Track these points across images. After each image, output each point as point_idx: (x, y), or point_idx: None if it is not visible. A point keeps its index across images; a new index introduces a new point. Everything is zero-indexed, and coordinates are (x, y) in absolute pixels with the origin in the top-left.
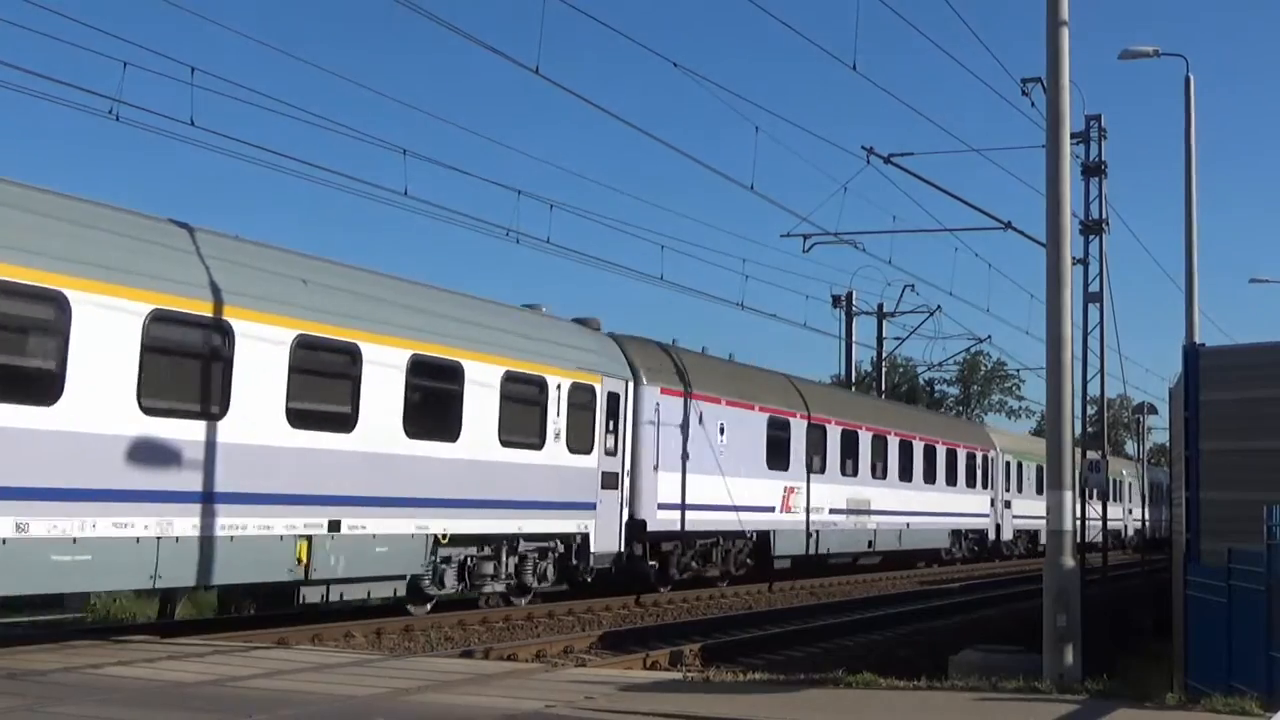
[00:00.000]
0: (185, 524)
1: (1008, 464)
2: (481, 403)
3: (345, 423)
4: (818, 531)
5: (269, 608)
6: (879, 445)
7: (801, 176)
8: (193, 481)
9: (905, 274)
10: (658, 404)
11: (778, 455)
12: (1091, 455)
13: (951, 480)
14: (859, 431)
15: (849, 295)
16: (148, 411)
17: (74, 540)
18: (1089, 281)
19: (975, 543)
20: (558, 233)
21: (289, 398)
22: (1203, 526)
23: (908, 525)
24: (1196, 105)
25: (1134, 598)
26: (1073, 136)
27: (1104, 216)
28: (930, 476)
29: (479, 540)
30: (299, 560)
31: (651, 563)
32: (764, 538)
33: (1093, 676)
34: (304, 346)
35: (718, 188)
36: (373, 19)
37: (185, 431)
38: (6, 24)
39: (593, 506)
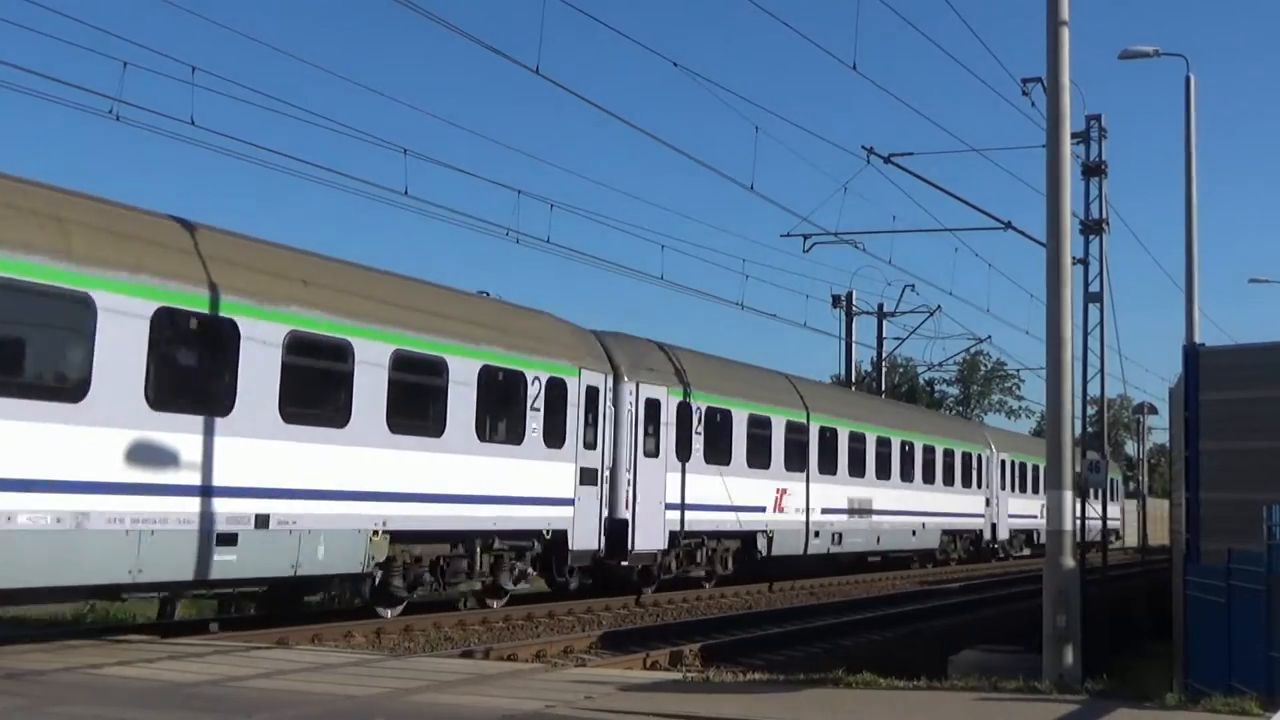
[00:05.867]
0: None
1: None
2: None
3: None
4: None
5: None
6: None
7: (801, 176)
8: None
9: (905, 274)
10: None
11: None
12: (1092, 455)
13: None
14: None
15: (849, 295)
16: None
17: None
18: (1089, 281)
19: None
20: (558, 233)
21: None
22: (1203, 526)
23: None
24: (1197, 105)
25: (1134, 598)
26: (1073, 136)
27: (1104, 216)
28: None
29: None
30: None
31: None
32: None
33: (1093, 676)
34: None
35: (717, 187)
36: (373, 19)
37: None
38: (6, 24)
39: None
